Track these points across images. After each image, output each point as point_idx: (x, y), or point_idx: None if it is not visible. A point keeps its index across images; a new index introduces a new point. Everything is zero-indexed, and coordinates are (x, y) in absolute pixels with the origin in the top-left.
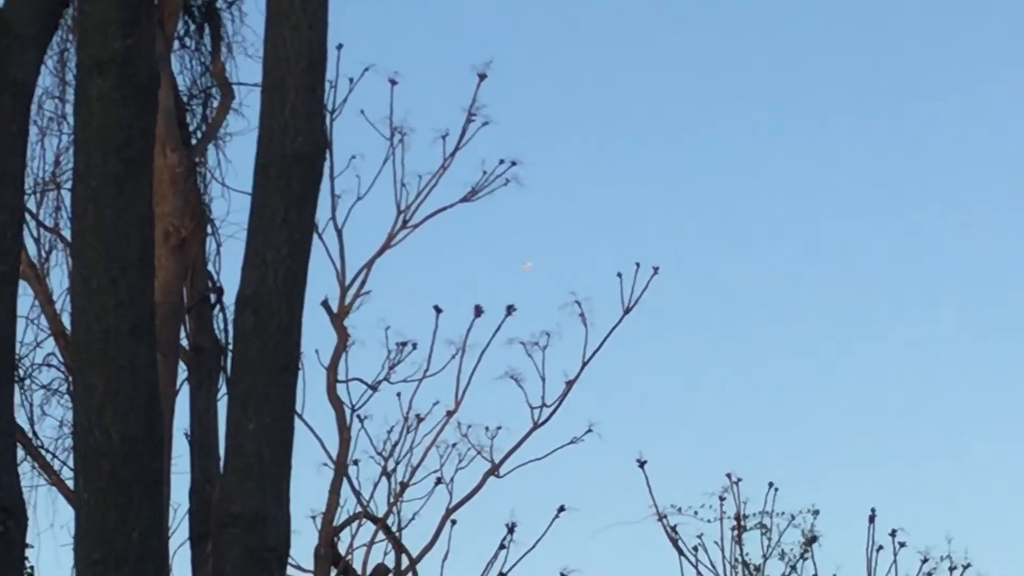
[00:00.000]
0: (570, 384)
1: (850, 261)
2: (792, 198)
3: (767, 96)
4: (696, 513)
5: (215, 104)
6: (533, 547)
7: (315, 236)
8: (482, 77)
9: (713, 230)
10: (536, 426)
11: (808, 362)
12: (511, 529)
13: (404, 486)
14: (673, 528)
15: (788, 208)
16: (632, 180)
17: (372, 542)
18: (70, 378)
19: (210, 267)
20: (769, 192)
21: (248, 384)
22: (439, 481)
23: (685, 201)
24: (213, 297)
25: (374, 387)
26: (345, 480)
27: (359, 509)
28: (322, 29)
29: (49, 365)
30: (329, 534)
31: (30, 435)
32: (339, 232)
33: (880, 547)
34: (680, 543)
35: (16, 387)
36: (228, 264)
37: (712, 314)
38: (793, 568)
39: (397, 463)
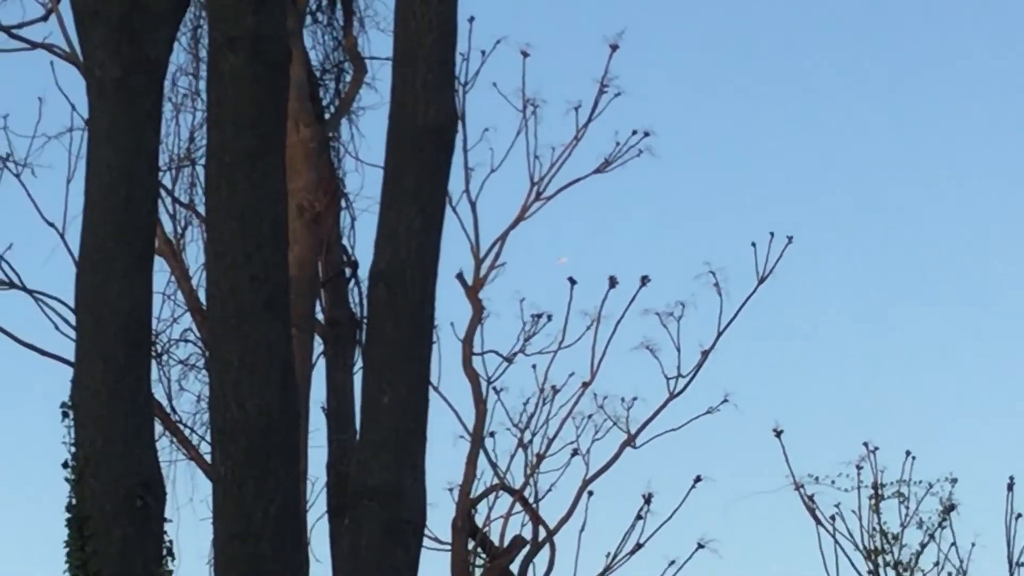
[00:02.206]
0: (705, 354)
1: (986, 223)
2: (928, 163)
3: (901, 66)
4: (833, 482)
5: (348, 79)
6: (670, 517)
7: (449, 209)
8: (614, 48)
9: (846, 198)
10: (672, 396)
11: (945, 329)
12: (648, 500)
13: (540, 458)
14: (810, 497)
15: (923, 173)
16: (766, 149)
17: (509, 514)
18: (207, 353)
19: (345, 241)
20: (904, 158)
21: (382, 357)
22: (575, 452)
23: (819, 169)
24: (348, 271)
25: (510, 359)
26: (482, 452)
27: (496, 481)
28: (452, 2)
29: (186, 340)
30: (466, 506)
31: (168, 410)
32: (473, 205)
33: (1019, 515)
34: (817, 512)
35: (154, 363)
36: (363, 238)
37: (847, 282)
38: (931, 537)
39: (533, 435)
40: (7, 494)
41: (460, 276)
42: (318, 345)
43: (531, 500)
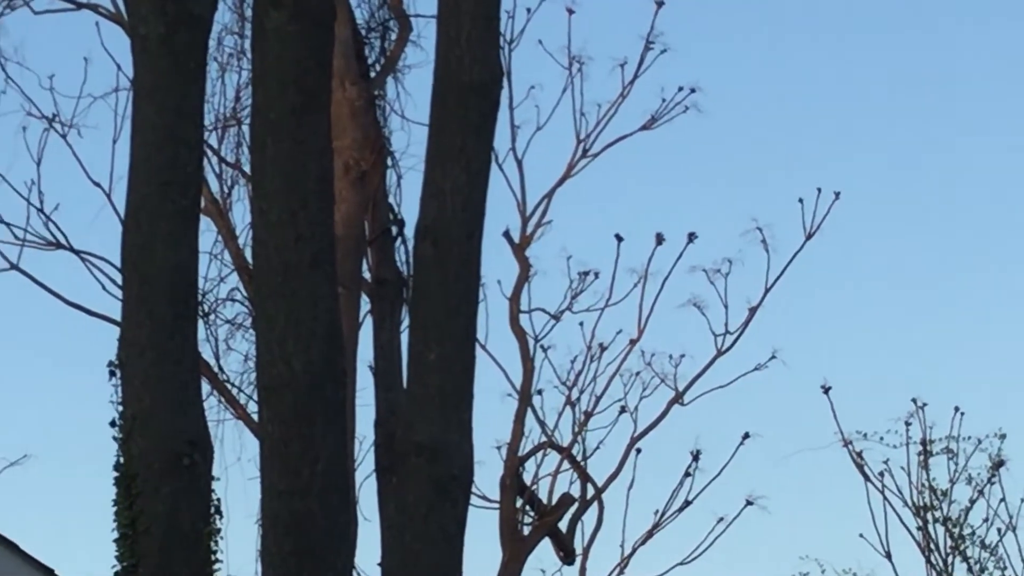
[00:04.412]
0: (753, 311)
1: None
2: (980, 117)
3: (955, 20)
4: (882, 439)
5: (393, 36)
6: (718, 474)
7: (496, 166)
8: (660, 4)
9: (894, 153)
10: (719, 353)
11: (993, 284)
12: (696, 457)
13: (588, 415)
14: (859, 454)
15: (974, 128)
16: (813, 104)
17: (557, 471)
18: (253, 311)
19: (391, 199)
20: (957, 112)
21: (428, 314)
22: (623, 410)
23: (867, 124)
24: (395, 229)
25: (557, 317)
26: (529, 410)
27: (544, 439)
28: None
29: (233, 300)
30: (514, 464)
31: (216, 369)
32: (519, 162)
33: None
34: (866, 469)
35: (201, 322)
36: (409, 196)
37: (894, 237)
38: (981, 492)
39: (581, 392)
40: (56, 453)
41: (507, 234)
42: (365, 304)
43: (579, 458)
